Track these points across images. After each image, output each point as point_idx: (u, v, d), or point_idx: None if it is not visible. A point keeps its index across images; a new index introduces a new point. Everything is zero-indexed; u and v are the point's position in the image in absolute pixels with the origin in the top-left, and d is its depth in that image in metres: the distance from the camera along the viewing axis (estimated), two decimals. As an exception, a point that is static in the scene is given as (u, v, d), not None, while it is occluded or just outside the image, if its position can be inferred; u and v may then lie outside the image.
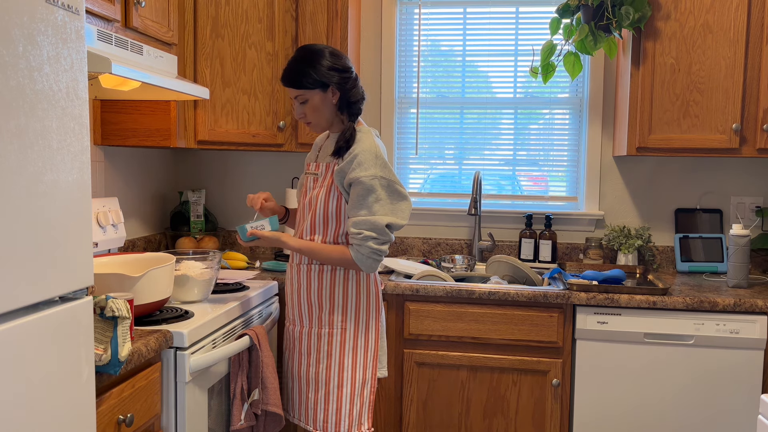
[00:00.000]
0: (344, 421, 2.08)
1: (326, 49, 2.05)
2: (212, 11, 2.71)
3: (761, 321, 2.37)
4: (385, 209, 1.99)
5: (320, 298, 2.10)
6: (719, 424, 2.43)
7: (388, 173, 2.01)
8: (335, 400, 2.08)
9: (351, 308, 2.09)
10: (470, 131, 3.22)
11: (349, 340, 2.09)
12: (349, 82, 2.06)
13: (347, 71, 2.05)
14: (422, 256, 3.18)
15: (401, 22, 3.20)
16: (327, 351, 2.09)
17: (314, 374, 2.10)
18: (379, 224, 1.97)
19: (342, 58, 2.06)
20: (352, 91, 2.07)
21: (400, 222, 2.01)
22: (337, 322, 2.09)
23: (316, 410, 2.10)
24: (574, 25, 2.75)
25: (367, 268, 2.03)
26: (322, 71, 2.01)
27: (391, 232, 2.01)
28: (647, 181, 3.06)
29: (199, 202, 3.08)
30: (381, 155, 2.01)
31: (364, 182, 1.97)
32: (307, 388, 2.12)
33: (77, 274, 1.33)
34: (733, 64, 2.62)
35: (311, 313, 2.11)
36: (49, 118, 1.23)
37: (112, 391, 1.55)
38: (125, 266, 2.02)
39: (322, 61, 2.02)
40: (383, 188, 1.99)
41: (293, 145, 2.83)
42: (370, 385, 2.12)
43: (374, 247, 1.99)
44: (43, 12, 1.21)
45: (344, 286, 2.09)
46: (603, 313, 2.45)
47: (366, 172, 1.98)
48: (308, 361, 2.12)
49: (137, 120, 2.57)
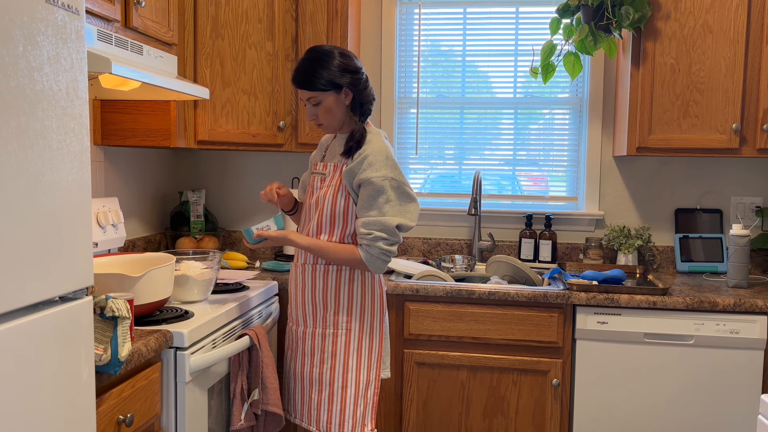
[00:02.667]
0: (348, 422, 2.08)
1: (335, 49, 2.03)
2: (212, 11, 2.71)
3: (761, 321, 2.37)
4: (395, 210, 1.99)
5: (325, 299, 2.09)
6: (719, 424, 2.43)
7: (398, 175, 2.01)
8: (339, 400, 2.08)
9: (356, 309, 2.09)
10: (470, 131, 3.22)
11: (353, 341, 2.09)
12: (361, 83, 2.05)
13: (358, 72, 2.04)
14: (422, 256, 3.18)
15: (401, 22, 3.20)
16: (332, 351, 2.08)
17: (318, 375, 2.09)
18: (390, 225, 1.97)
19: (353, 59, 2.05)
20: (364, 92, 2.06)
21: (409, 223, 2.01)
22: (342, 322, 2.08)
23: (319, 411, 2.09)
24: (574, 25, 2.75)
25: (376, 269, 2.03)
26: (335, 72, 1.99)
27: (400, 233, 2.01)
28: (647, 181, 3.06)
29: (199, 202, 3.08)
30: (391, 157, 2.02)
31: (374, 183, 1.97)
32: (311, 389, 2.11)
33: (77, 274, 1.33)
34: (733, 64, 2.62)
35: (316, 314, 2.11)
36: (49, 118, 1.23)
37: (112, 391, 1.55)
38: (125, 266, 2.02)
39: (334, 61, 2.00)
40: (393, 189, 1.99)
41: (293, 145, 2.83)
42: (374, 386, 2.12)
43: (384, 248, 1.98)
44: (43, 12, 1.21)
45: (349, 287, 2.09)
46: (603, 313, 2.45)
47: (377, 173, 1.97)
48: (312, 361, 2.11)
49: (137, 120, 2.57)
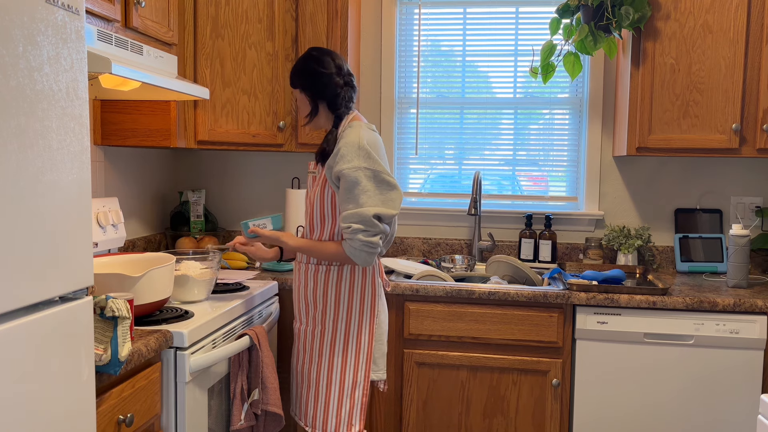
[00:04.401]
0: (332, 421, 2.11)
1: (310, 51, 2.16)
2: (212, 11, 2.71)
3: (761, 321, 2.37)
4: (373, 200, 1.98)
5: (315, 297, 2.14)
6: (719, 424, 2.43)
7: (372, 164, 1.99)
8: (324, 399, 2.12)
9: (343, 309, 2.11)
10: (470, 131, 3.22)
11: (339, 341, 2.12)
12: (320, 83, 2.11)
13: (315, 73, 2.12)
14: (422, 256, 3.18)
15: (401, 22, 3.20)
16: (318, 350, 2.13)
17: (307, 372, 2.15)
18: (366, 215, 1.97)
19: (319, 60, 2.12)
20: (325, 92, 2.12)
21: (390, 212, 2.00)
22: (329, 321, 2.12)
23: (307, 407, 2.16)
24: (574, 25, 2.75)
25: (363, 262, 2.03)
26: (298, 72, 2.14)
27: (381, 222, 2.00)
28: (647, 181, 3.06)
29: (199, 202, 3.08)
30: (364, 146, 2.00)
31: (347, 175, 1.98)
32: (302, 385, 2.17)
33: (77, 274, 1.33)
34: (732, 64, 2.62)
35: (308, 311, 2.16)
36: (49, 118, 1.23)
37: (112, 391, 1.55)
38: (125, 266, 2.02)
39: (302, 63, 2.14)
40: (369, 179, 1.99)
41: (293, 145, 2.83)
42: (362, 387, 2.13)
43: (364, 240, 1.98)
44: (43, 12, 1.21)
45: (337, 287, 2.11)
46: (603, 313, 2.45)
47: (348, 165, 1.98)
48: (304, 358, 2.17)
49: (137, 120, 2.57)
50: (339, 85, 2.11)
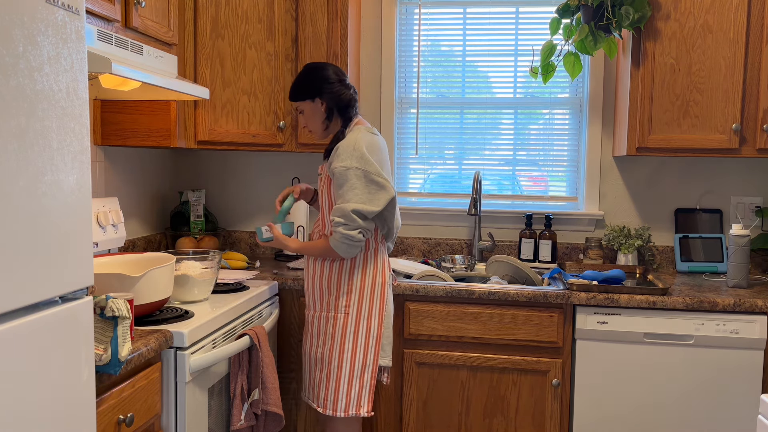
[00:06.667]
0: (342, 401, 2.21)
1: (310, 65, 2.31)
2: (212, 11, 2.71)
3: (761, 321, 2.37)
4: (358, 197, 2.12)
5: (329, 285, 2.25)
6: (719, 424, 2.43)
7: (363, 164, 2.13)
8: (335, 379, 2.22)
9: (355, 295, 2.23)
10: (470, 131, 3.22)
11: (350, 324, 2.22)
12: (331, 91, 2.25)
13: (327, 81, 2.26)
14: (422, 256, 3.18)
15: (401, 22, 3.20)
16: (331, 333, 2.24)
17: (320, 354, 2.26)
18: (345, 210, 2.11)
19: (324, 70, 2.27)
20: (338, 98, 2.25)
21: (371, 208, 2.12)
22: (342, 306, 2.24)
23: (319, 388, 2.26)
24: (574, 25, 2.75)
25: (344, 254, 2.16)
26: (306, 84, 2.28)
27: (361, 218, 2.11)
28: (647, 181, 3.06)
29: (199, 202, 3.09)
30: (360, 148, 2.14)
31: (338, 173, 2.14)
32: (315, 368, 2.28)
33: (77, 274, 1.33)
34: (732, 64, 2.62)
35: (321, 299, 2.28)
36: (49, 118, 1.23)
37: (112, 391, 1.55)
38: (125, 266, 2.02)
39: (307, 75, 2.28)
40: (357, 178, 2.12)
41: (293, 145, 2.83)
42: (371, 369, 2.24)
43: (344, 233, 2.11)
44: (43, 12, 1.21)
45: (350, 274, 2.24)
46: (603, 313, 2.45)
47: (341, 163, 2.13)
48: (317, 342, 2.28)
49: (137, 120, 2.57)
50: (347, 89, 2.27)
